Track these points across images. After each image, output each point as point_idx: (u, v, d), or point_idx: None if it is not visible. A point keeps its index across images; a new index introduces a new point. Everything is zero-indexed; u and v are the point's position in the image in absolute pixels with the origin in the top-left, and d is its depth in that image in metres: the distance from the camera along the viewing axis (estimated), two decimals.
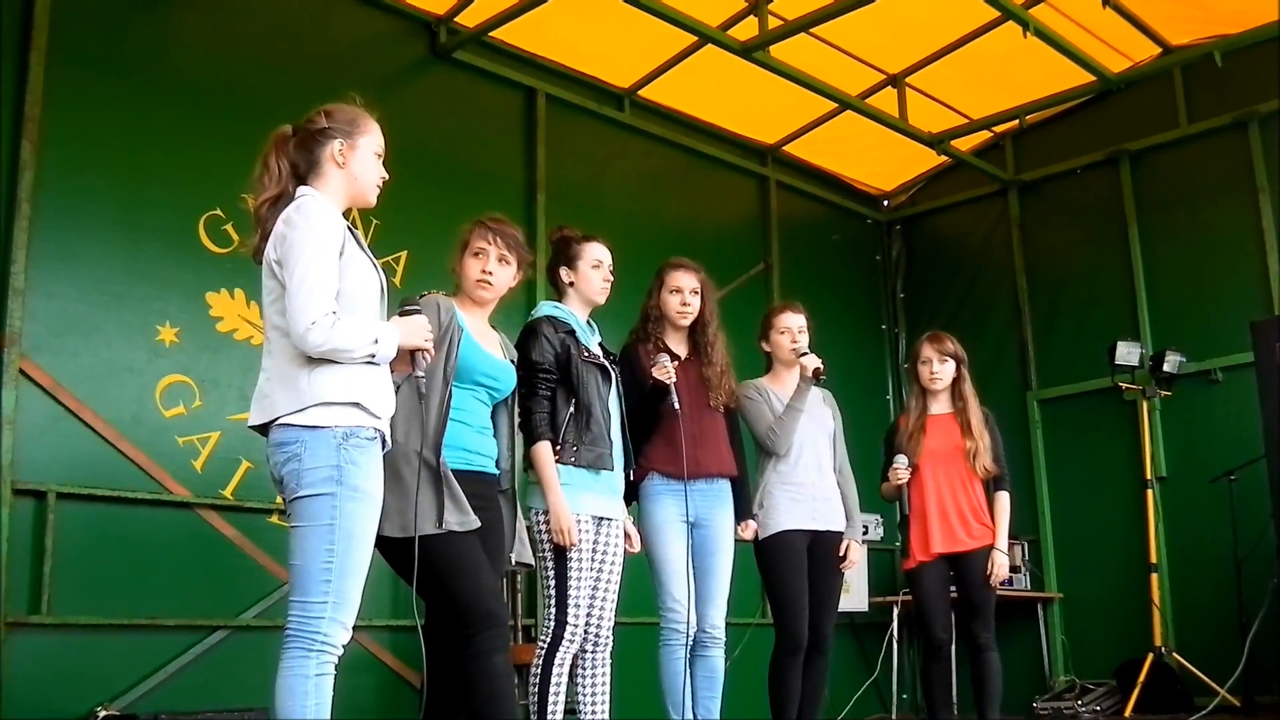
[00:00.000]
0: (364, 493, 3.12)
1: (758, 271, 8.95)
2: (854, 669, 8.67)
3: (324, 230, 3.14)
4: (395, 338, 3.24)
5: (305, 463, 3.06)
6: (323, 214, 3.18)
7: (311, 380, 3.10)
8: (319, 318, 3.05)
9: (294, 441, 3.08)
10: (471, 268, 4.01)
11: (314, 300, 3.06)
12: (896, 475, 5.30)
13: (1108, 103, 8.93)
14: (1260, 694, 7.04)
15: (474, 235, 4.03)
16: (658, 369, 4.55)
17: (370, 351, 3.15)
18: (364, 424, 3.15)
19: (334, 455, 3.07)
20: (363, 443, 3.14)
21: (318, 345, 3.06)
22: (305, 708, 3.00)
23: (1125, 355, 8.21)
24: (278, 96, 6.01)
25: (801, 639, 4.91)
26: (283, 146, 3.34)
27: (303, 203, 3.21)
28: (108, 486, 5.43)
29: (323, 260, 3.11)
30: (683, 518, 4.67)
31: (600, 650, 4.40)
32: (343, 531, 3.07)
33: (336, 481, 3.06)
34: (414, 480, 3.57)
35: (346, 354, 3.11)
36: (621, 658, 4.58)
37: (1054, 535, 8.98)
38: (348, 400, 3.12)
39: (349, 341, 3.10)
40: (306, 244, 3.11)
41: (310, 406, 3.09)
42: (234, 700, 5.18)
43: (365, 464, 3.14)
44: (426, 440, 3.65)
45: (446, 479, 3.66)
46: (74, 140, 5.57)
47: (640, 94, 8.26)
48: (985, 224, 9.81)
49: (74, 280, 5.50)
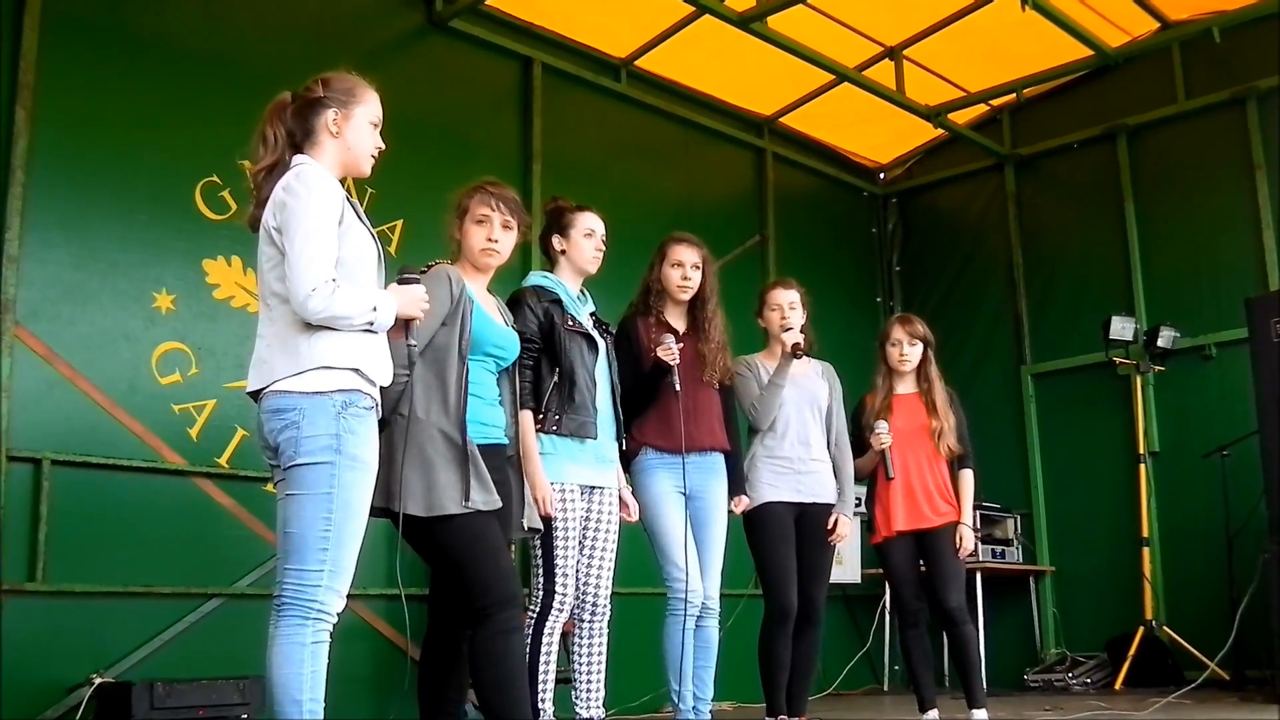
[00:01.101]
0: (361, 462, 3.13)
1: (753, 244, 8.93)
2: (846, 641, 8.71)
3: (324, 198, 3.14)
4: (393, 306, 3.25)
5: (304, 430, 3.07)
6: (322, 182, 3.17)
7: (312, 345, 3.10)
8: (319, 284, 3.05)
9: (292, 409, 3.08)
10: (476, 235, 3.97)
11: (314, 267, 3.06)
12: (880, 440, 5.32)
13: (1105, 78, 8.92)
14: (1250, 668, 7.08)
15: (475, 202, 3.98)
16: (662, 349, 4.56)
17: (369, 319, 3.15)
18: (361, 389, 3.15)
19: (333, 424, 3.08)
20: (361, 412, 3.14)
21: (318, 312, 3.06)
22: (301, 675, 3.01)
23: (1120, 330, 8.24)
24: (274, 64, 6.00)
25: (789, 608, 4.95)
26: (280, 115, 3.33)
27: (302, 170, 3.20)
28: (103, 454, 5.43)
29: (323, 228, 3.11)
30: (678, 489, 4.69)
31: (598, 619, 4.42)
32: (340, 500, 3.07)
33: (335, 450, 3.07)
34: (437, 456, 3.57)
35: (345, 321, 3.12)
36: (619, 628, 4.59)
37: (1046, 509, 9.02)
38: (347, 365, 3.13)
39: (348, 309, 3.10)
40: (307, 212, 3.11)
41: (309, 370, 3.09)
42: (229, 668, 5.20)
43: (363, 433, 3.15)
44: (450, 417, 3.64)
45: (473, 458, 3.64)
46: (69, 107, 5.54)
47: (637, 64, 8.23)
48: (981, 198, 9.81)
49: (69, 247, 5.48)
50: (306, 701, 3.01)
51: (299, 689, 3.01)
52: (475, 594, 3.57)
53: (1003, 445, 8.82)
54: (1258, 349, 6.70)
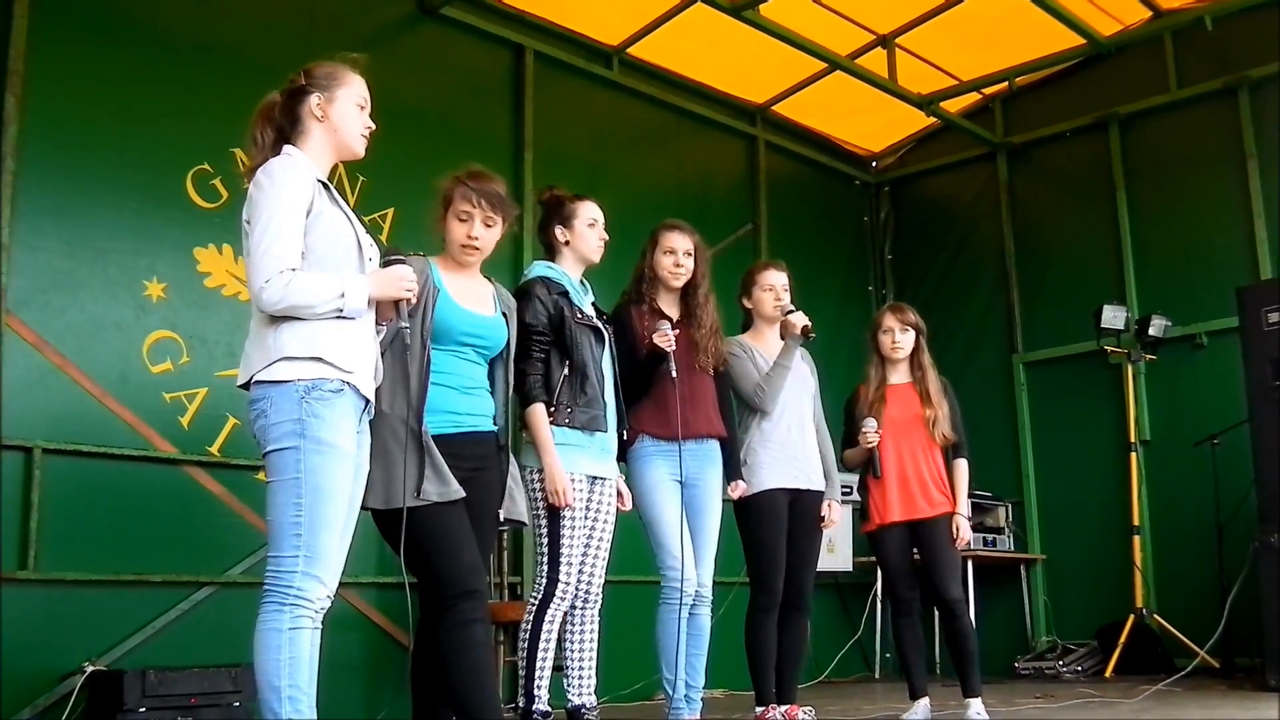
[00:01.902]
0: (328, 444, 3.11)
1: (745, 232, 8.94)
2: (838, 629, 8.73)
3: (288, 189, 3.14)
4: (364, 290, 3.22)
5: (270, 418, 3.09)
6: (288, 173, 3.17)
7: (277, 336, 3.12)
8: (273, 275, 3.06)
9: (262, 398, 3.12)
10: (457, 232, 3.91)
11: (268, 259, 3.07)
12: (866, 439, 5.33)
13: (1098, 67, 8.92)
14: (1239, 656, 7.10)
15: (458, 196, 3.91)
16: (659, 336, 4.56)
17: (337, 305, 3.14)
18: (325, 376, 3.14)
19: (296, 409, 3.08)
20: (326, 395, 3.12)
21: (274, 303, 3.08)
22: (279, 661, 3.02)
23: (1111, 319, 8.24)
24: (266, 52, 5.98)
25: (777, 594, 4.95)
26: (269, 114, 3.35)
27: (271, 163, 3.21)
28: (94, 443, 5.42)
29: (283, 219, 3.11)
30: (674, 477, 4.69)
31: (590, 607, 4.43)
32: (309, 485, 3.07)
33: (299, 435, 3.07)
34: (398, 449, 3.56)
35: (308, 309, 3.11)
36: (611, 616, 4.60)
37: (1038, 497, 9.04)
38: (308, 355, 3.12)
39: (307, 297, 3.09)
40: (268, 204, 3.12)
41: (275, 362, 3.11)
42: (220, 656, 5.19)
43: (329, 416, 3.13)
44: (412, 408, 3.62)
45: (429, 448, 3.62)
46: (59, 94, 5.51)
47: (629, 52, 8.21)
48: (973, 187, 9.81)
49: (60, 235, 5.46)
50: (285, 688, 3.01)
51: (277, 675, 3.02)
52: (434, 588, 3.58)
53: (994, 434, 8.83)
54: (1249, 338, 6.72)
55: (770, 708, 4.96)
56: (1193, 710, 5.43)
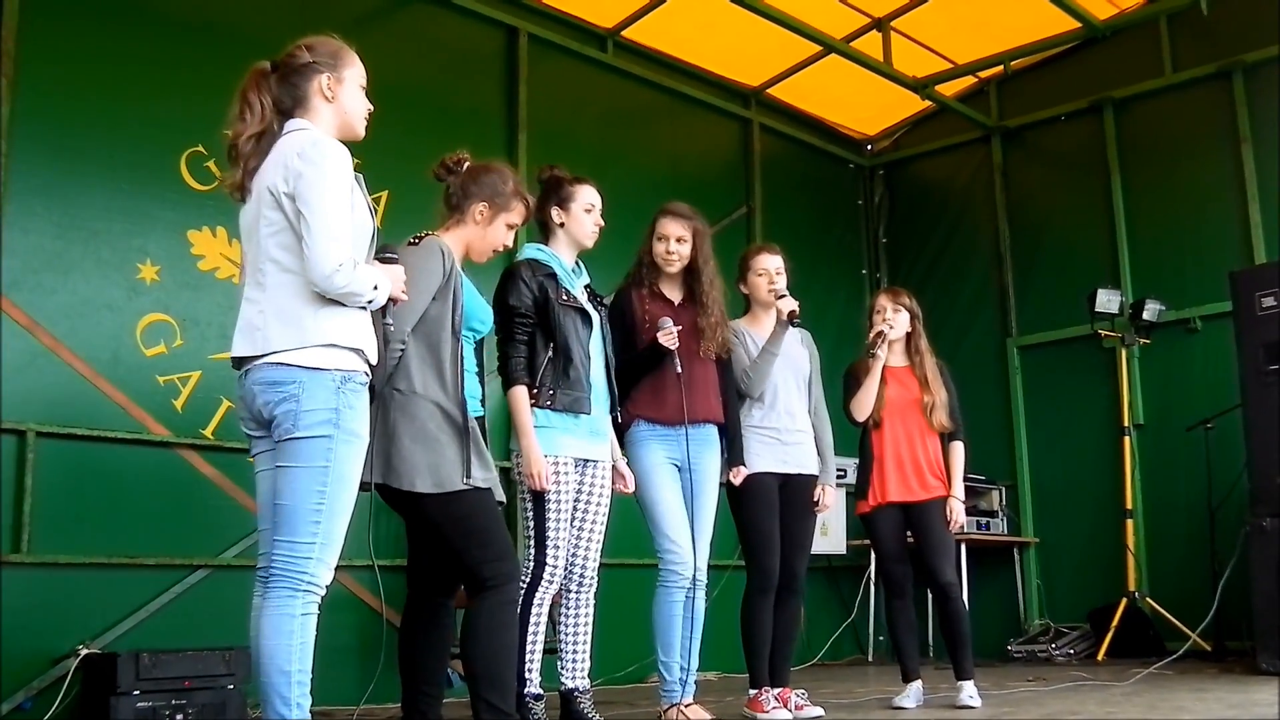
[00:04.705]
0: (358, 436, 3.14)
1: (739, 215, 8.93)
2: (831, 611, 8.76)
3: (343, 172, 3.12)
4: (387, 286, 3.24)
5: (303, 404, 3.05)
6: (339, 153, 3.14)
7: (319, 320, 3.09)
8: (345, 260, 3.04)
9: (291, 381, 3.06)
10: (495, 236, 3.99)
11: (339, 243, 3.04)
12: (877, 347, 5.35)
13: (1093, 50, 8.91)
14: (1231, 639, 7.13)
15: (515, 208, 4.01)
16: (663, 335, 4.56)
17: (371, 298, 3.15)
18: (359, 368, 3.16)
19: (333, 398, 3.07)
20: (357, 387, 3.14)
21: (340, 288, 3.05)
22: (290, 646, 3.01)
23: (1105, 303, 8.25)
24: (260, 32, 5.93)
25: (772, 577, 4.95)
26: (263, 82, 3.27)
27: (320, 140, 3.16)
28: (87, 426, 5.41)
29: (344, 203, 3.09)
30: (672, 460, 4.70)
31: (584, 591, 4.43)
32: (335, 474, 3.07)
33: (334, 425, 3.06)
34: (439, 432, 3.61)
35: (357, 299, 3.12)
36: (605, 598, 4.60)
37: (1031, 480, 9.07)
38: (352, 345, 3.13)
39: (364, 287, 3.10)
40: (329, 185, 3.08)
41: (314, 346, 3.07)
42: (214, 639, 5.19)
43: (359, 407, 3.15)
44: (448, 393, 3.65)
45: (474, 435, 3.67)
46: (51, 74, 5.49)
47: (623, 34, 8.19)
48: (968, 170, 9.81)
49: (51, 216, 5.44)
50: (295, 672, 3.01)
51: (287, 660, 3.01)
52: (484, 566, 3.62)
53: (988, 417, 8.83)
54: (1242, 322, 6.72)
55: (763, 690, 4.97)
56: (1184, 693, 5.44)
